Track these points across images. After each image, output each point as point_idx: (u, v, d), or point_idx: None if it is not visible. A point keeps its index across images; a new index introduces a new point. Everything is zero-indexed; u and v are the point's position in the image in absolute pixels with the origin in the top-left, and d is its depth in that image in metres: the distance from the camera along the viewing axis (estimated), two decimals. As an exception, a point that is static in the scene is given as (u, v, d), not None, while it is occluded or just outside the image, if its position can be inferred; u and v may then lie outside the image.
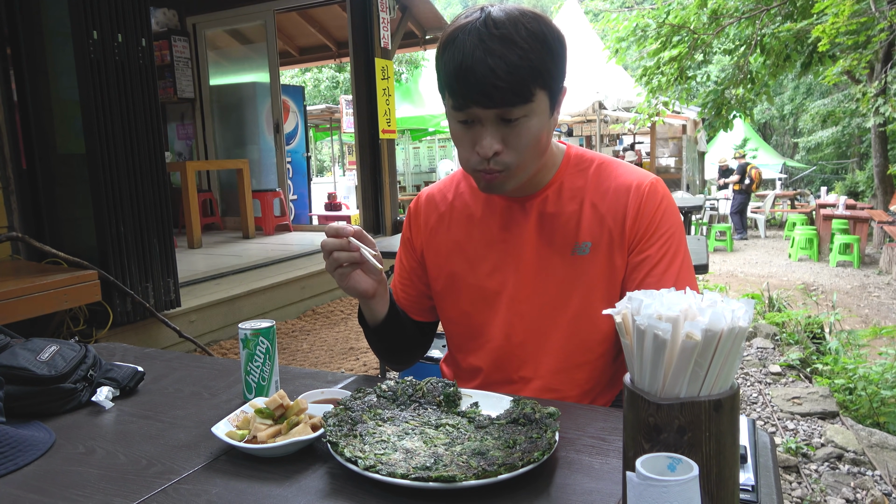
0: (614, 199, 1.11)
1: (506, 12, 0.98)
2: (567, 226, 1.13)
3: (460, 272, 1.19)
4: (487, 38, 0.95)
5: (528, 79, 0.96)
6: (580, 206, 1.13)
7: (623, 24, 7.16)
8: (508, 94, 0.96)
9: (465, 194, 1.22)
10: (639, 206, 1.10)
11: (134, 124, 3.26)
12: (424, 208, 1.26)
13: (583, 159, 1.17)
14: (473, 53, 0.95)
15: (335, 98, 17.69)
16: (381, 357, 1.29)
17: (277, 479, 0.83)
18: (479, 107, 0.98)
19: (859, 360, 4.00)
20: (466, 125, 1.02)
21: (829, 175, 19.75)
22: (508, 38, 0.95)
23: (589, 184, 1.14)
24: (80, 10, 3.01)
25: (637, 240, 1.10)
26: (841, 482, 2.48)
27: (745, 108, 7.09)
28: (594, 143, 12.05)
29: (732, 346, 0.60)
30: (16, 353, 1.08)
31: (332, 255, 1.04)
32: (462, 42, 0.96)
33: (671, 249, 1.10)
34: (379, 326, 1.17)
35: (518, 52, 0.95)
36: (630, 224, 1.10)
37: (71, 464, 0.90)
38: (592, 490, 0.77)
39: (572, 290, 1.12)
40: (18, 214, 3.27)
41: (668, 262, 1.09)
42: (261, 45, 7.14)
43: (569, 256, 1.12)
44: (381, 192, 6.22)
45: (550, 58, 0.99)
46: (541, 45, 0.97)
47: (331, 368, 3.58)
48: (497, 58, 0.94)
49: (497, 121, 1.00)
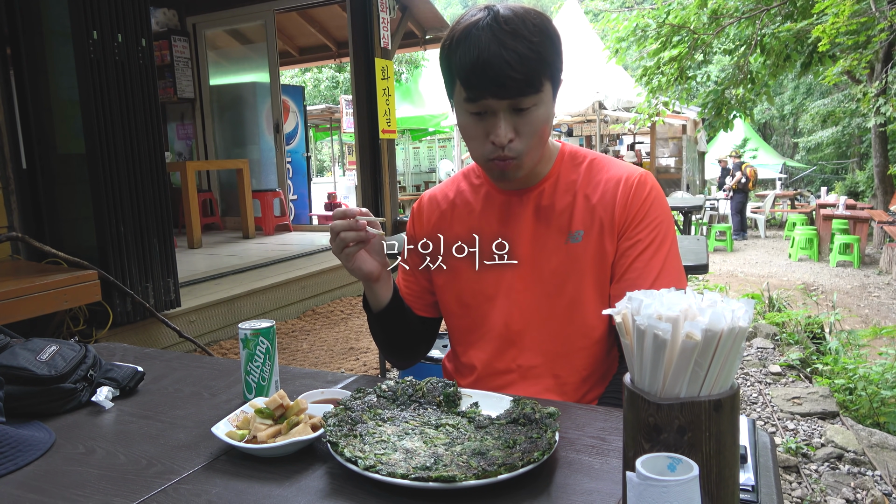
0: (605, 190, 1.17)
1: (511, 10, 1.05)
2: (561, 217, 1.18)
3: (461, 265, 1.23)
4: (500, 32, 1.02)
5: (538, 69, 1.04)
6: (573, 197, 1.18)
7: (623, 25, 7.16)
8: (522, 84, 1.03)
9: (466, 192, 1.27)
10: (628, 195, 1.15)
11: (134, 124, 3.26)
12: (427, 207, 1.31)
13: (576, 155, 1.23)
14: (489, 47, 1.01)
15: (335, 98, 17.69)
16: (384, 350, 1.34)
17: (277, 479, 0.83)
18: (494, 98, 1.04)
19: (859, 361, 4.00)
20: (479, 117, 1.08)
21: (829, 175, 19.75)
22: (519, 32, 1.02)
23: (582, 178, 1.20)
24: (80, 10, 3.01)
25: (626, 226, 1.15)
26: (841, 482, 2.48)
27: (745, 108, 7.09)
28: (594, 142, 12.04)
29: (732, 346, 0.60)
30: (16, 353, 1.08)
31: (340, 235, 1.09)
32: (476, 37, 1.03)
33: (659, 236, 1.15)
34: (382, 312, 1.21)
35: (528, 44, 1.02)
36: (619, 212, 1.15)
37: (71, 464, 0.90)
38: (592, 490, 0.77)
39: (567, 278, 1.17)
40: (18, 214, 3.27)
41: (655, 248, 1.14)
42: (261, 45, 7.14)
43: (563, 245, 1.17)
44: (381, 192, 6.22)
45: (554, 50, 1.07)
46: (546, 38, 1.05)
47: (331, 368, 3.58)
48: (511, 51, 1.01)
49: (509, 110, 1.06)
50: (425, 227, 1.29)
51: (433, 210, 1.30)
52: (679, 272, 1.16)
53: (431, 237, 1.27)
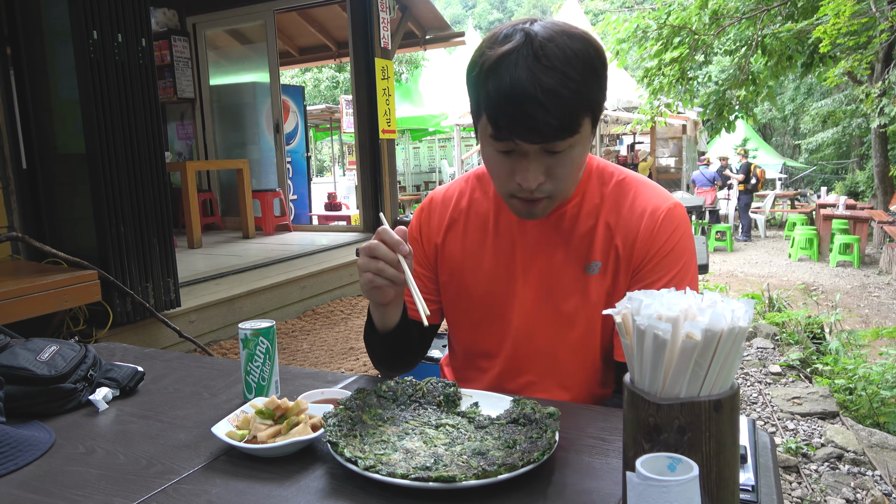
0: (628, 220, 1.08)
1: (551, 38, 0.90)
2: (581, 243, 1.10)
3: (472, 283, 1.17)
4: (537, 68, 0.88)
5: (578, 111, 0.92)
6: (595, 222, 1.10)
7: (624, 26, 7.15)
8: (557, 129, 0.91)
9: (480, 202, 1.18)
10: (652, 230, 1.06)
11: (134, 124, 3.26)
12: (439, 210, 1.21)
13: (604, 173, 1.13)
14: (524, 87, 0.88)
15: (335, 98, 17.69)
16: (378, 363, 1.25)
17: (277, 479, 0.83)
18: (525, 141, 0.93)
19: (859, 361, 3.99)
20: (506, 154, 0.98)
21: (829, 175, 19.74)
22: (560, 70, 0.89)
23: (606, 201, 1.10)
24: (80, 10, 3.01)
25: (643, 265, 1.07)
26: (841, 482, 2.48)
27: (746, 108, 7.09)
28: (594, 142, 12.04)
29: (732, 346, 0.60)
30: (16, 353, 1.08)
31: (379, 265, 0.98)
32: (509, 71, 0.89)
33: (678, 275, 1.07)
34: (388, 333, 1.13)
35: (569, 83, 0.89)
36: (640, 247, 1.07)
37: (71, 464, 0.90)
38: (592, 490, 0.77)
39: (581, 309, 1.10)
40: (18, 214, 3.27)
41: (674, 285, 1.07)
42: (261, 45, 7.13)
43: (581, 274, 1.10)
44: (381, 192, 6.21)
45: (598, 84, 0.94)
46: (590, 72, 0.92)
47: (331, 368, 3.58)
48: (549, 93, 0.88)
49: (542, 152, 0.95)
50: (434, 232, 1.20)
51: (443, 215, 1.20)
52: None
53: (440, 247, 1.20)
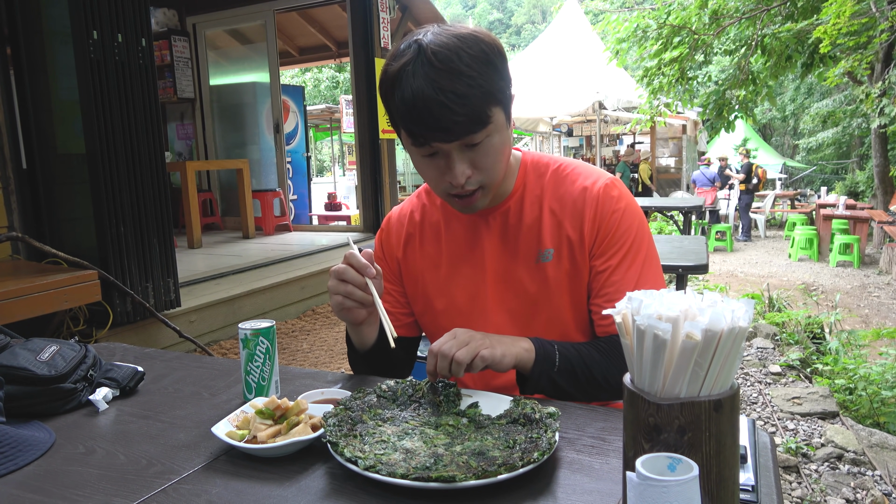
0: (571, 204, 1.12)
1: (442, 43, 0.95)
2: (529, 234, 1.14)
3: (435, 292, 1.21)
4: (433, 73, 0.93)
5: (482, 104, 0.96)
6: (540, 212, 1.14)
7: (623, 26, 7.15)
8: (467, 124, 0.96)
9: (431, 213, 1.24)
10: (595, 210, 1.10)
11: (134, 124, 3.26)
12: (395, 228, 1.27)
13: (539, 164, 1.18)
14: (423, 93, 0.93)
15: (335, 98, 17.70)
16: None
17: (277, 479, 0.83)
18: (441, 142, 0.99)
19: (859, 361, 4.00)
20: (431, 157, 1.03)
21: (829, 175, 19.74)
22: (454, 68, 0.94)
23: (546, 190, 1.15)
24: (80, 10, 3.01)
25: (597, 242, 1.11)
26: (841, 482, 2.48)
27: (746, 108, 7.09)
28: (594, 142, 12.05)
29: (732, 346, 0.60)
30: (16, 353, 1.08)
31: (348, 288, 1.05)
32: (408, 82, 0.95)
33: (633, 247, 1.11)
34: (368, 351, 1.19)
35: (467, 80, 0.94)
36: (588, 229, 1.11)
37: (71, 464, 0.90)
38: (592, 490, 0.77)
39: (541, 298, 1.13)
40: (18, 214, 3.27)
41: (630, 260, 1.10)
42: (261, 45, 7.13)
43: (534, 265, 1.13)
44: (381, 192, 6.22)
45: (498, 76, 0.99)
46: (486, 65, 0.96)
47: (331, 368, 3.58)
48: (448, 92, 0.93)
49: (461, 148, 1.00)
50: (394, 248, 1.26)
51: (400, 232, 1.26)
52: (656, 278, 1.12)
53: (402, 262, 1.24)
